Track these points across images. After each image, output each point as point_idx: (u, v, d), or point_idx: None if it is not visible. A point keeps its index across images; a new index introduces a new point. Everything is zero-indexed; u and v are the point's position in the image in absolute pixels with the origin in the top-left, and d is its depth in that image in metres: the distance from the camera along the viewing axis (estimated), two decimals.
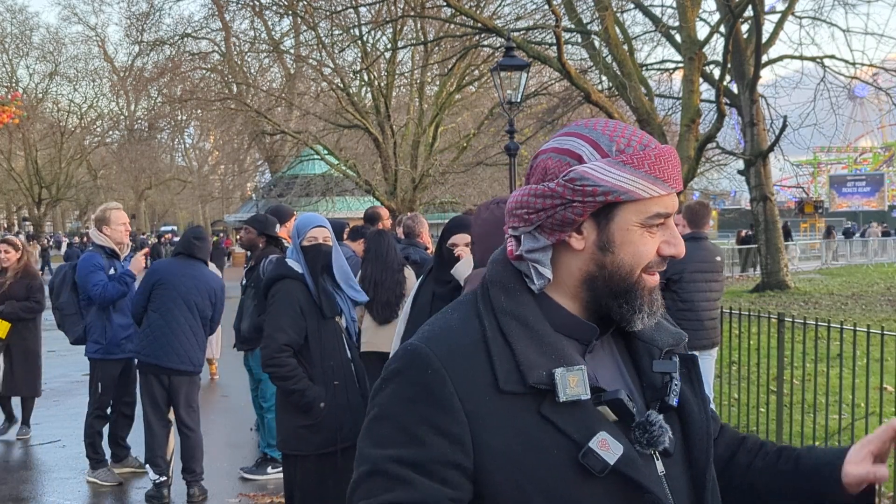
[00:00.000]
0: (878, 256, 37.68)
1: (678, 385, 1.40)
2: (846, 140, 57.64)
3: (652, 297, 1.38)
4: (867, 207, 72.22)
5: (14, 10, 64.89)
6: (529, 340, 1.33)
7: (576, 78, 17.59)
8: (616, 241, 1.35)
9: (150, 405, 5.99)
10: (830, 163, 78.42)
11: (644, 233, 1.36)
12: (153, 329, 5.90)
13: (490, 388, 1.30)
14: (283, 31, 32.95)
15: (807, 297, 19.89)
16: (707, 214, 6.62)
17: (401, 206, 24.89)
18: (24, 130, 47.89)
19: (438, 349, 1.33)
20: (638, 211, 1.34)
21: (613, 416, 1.33)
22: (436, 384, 1.30)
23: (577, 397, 1.29)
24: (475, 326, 1.35)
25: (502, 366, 1.31)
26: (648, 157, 1.33)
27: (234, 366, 9.47)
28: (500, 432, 1.29)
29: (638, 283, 1.37)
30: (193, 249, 6.08)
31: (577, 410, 1.30)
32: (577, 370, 1.30)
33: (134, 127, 56.31)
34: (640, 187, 1.33)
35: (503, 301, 1.37)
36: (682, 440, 1.40)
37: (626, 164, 1.33)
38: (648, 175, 1.33)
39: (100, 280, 6.29)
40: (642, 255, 1.36)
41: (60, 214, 71.07)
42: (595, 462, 1.27)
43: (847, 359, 5.85)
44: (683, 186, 7.26)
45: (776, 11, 23.17)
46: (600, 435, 1.28)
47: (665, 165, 1.34)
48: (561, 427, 1.29)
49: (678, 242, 1.39)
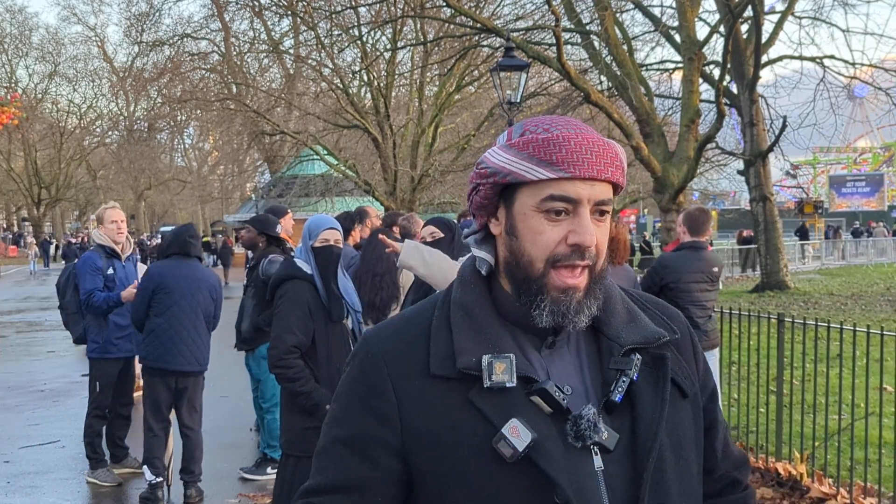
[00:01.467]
0: (880, 257, 37.70)
1: (625, 382, 1.37)
2: (845, 140, 57.68)
3: (561, 297, 1.35)
4: (867, 208, 72.24)
5: (13, 11, 64.93)
6: (469, 329, 1.37)
7: (575, 78, 17.59)
8: (517, 226, 1.37)
9: (152, 408, 5.97)
10: (830, 163, 78.46)
11: (541, 218, 1.35)
12: (158, 333, 5.88)
13: (423, 373, 1.36)
14: (282, 31, 33.00)
15: (806, 298, 19.90)
16: (707, 221, 6.50)
17: (400, 207, 24.88)
18: (23, 131, 47.92)
19: (382, 335, 1.43)
20: (532, 194, 1.35)
21: (548, 407, 1.33)
22: (372, 367, 1.39)
23: (503, 384, 1.32)
24: (426, 316, 1.42)
25: (438, 352, 1.36)
26: (536, 140, 1.35)
27: (233, 366, 9.45)
28: (427, 415, 1.34)
29: (542, 278, 1.35)
30: (189, 248, 6.06)
31: (503, 398, 1.32)
32: (505, 358, 1.33)
33: (133, 127, 56.38)
34: (522, 168, 1.34)
35: (458, 294, 1.43)
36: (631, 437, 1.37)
37: (512, 146, 1.37)
38: (532, 157, 1.34)
39: (91, 287, 6.30)
40: (539, 243, 1.35)
41: (60, 215, 71.04)
42: (505, 447, 1.29)
43: (847, 359, 5.85)
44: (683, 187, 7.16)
45: (776, 11, 23.18)
46: (512, 421, 1.30)
47: (556, 150, 1.33)
48: (483, 411, 1.32)
49: (583, 230, 1.34)
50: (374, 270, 5.75)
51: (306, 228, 4.55)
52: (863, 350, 5.59)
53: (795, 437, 6.26)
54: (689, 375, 1.47)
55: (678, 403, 1.43)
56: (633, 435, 1.37)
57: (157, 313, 5.90)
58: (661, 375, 1.42)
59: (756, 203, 22.06)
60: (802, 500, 5.50)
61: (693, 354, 1.51)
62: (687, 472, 1.41)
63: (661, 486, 1.36)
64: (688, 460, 1.42)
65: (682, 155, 18.08)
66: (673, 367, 1.44)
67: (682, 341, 1.49)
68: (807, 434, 6.23)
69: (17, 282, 33.97)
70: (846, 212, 70.48)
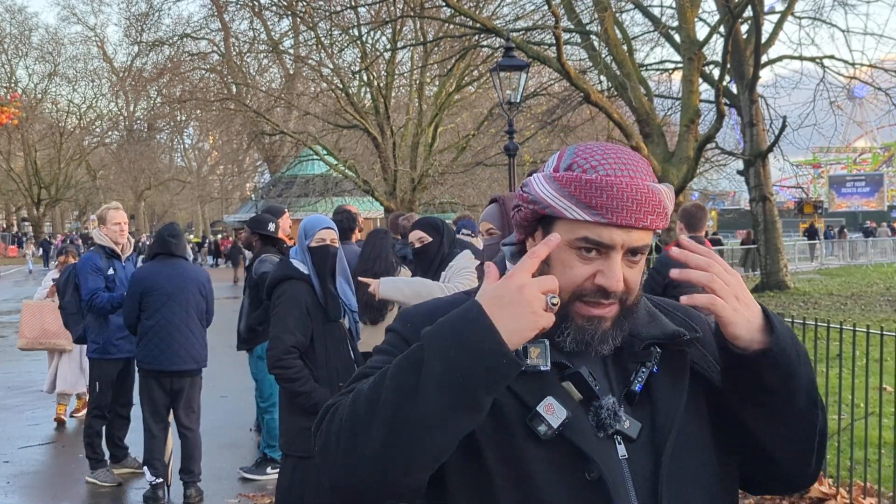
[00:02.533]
0: (880, 257, 37.71)
1: (645, 373, 1.42)
2: (845, 140, 57.67)
3: (586, 325, 1.39)
4: (866, 208, 72.28)
5: (13, 11, 64.81)
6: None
7: (575, 78, 17.60)
8: (550, 255, 1.38)
9: (150, 409, 5.97)
10: (830, 163, 78.49)
11: (573, 254, 1.38)
12: (151, 335, 5.88)
13: None
14: (282, 31, 32.99)
15: (806, 298, 19.90)
16: (704, 217, 6.55)
17: (400, 207, 24.89)
18: (23, 131, 47.93)
19: (421, 310, 1.51)
20: (568, 230, 1.38)
21: (578, 394, 1.38)
22: (411, 333, 1.43)
23: (537, 367, 1.36)
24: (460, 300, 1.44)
25: None
26: (578, 180, 1.36)
27: (233, 366, 9.45)
28: None
29: (567, 306, 1.38)
30: (171, 247, 6.04)
31: (536, 381, 1.37)
32: (540, 343, 1.36)
33: (133, 127, 56.40)
34: (562, 206, 1.37)
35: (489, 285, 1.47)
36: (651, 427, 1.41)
37: (556, 180, 1.39)
38: (572, 196, 1.36)
39: (94, 287, 6.30)
40: (568, 277, 1.38)
41: (59, 215, 71.04)
42: (540, 424, 1.34)
43: (847, 359, 5.84)
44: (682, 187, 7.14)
45: (775, 12, 23.18)
46: (547, 399, 1.35)
47: (597, 194, 1.35)
48: (517, 392, 1.36)
49: (610, 275, 1.37)
50: (373, 270, 5.73)
51: (302, 228, 4.53)
52: (862, 350, 5.59)
53: None
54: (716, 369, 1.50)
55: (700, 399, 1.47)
56: (653, 425, 1.41)
57: (148, 316, 5.88)
58: (681, 369, 1.46)
59: (756, 203, 22.06)
60: (802, 499, 5.50)
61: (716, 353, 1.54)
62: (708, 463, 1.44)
63: (682, 475, 1.40)
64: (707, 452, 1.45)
65: (681, 155, 18.09)
66: (699, 362, 1.48)
67: (707, 339, 1.52)
68: None
69: (17, 282, 33.96)
70: (846, 212, 70.51)
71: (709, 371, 1.49)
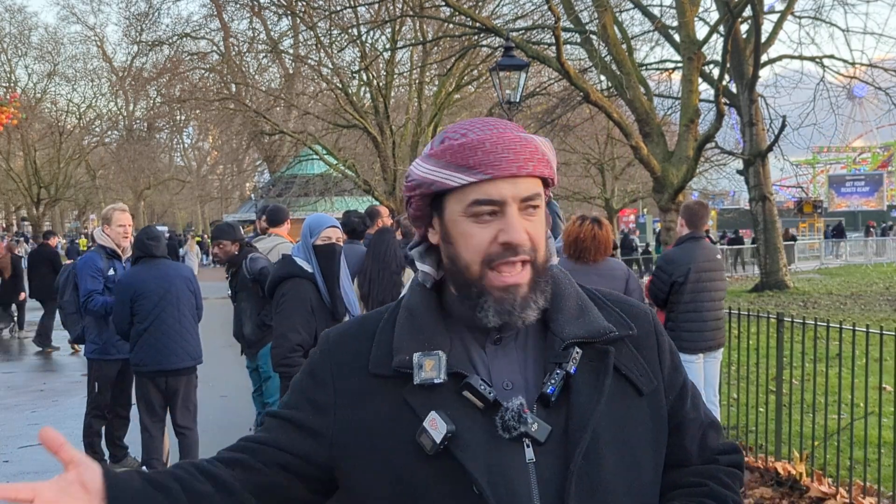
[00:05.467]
0: (879, 256, 37.73)
1: (559, 374, 1.37)
2: (844, 140, 57.66)
3: (505, 295, 1.36)
4: (866, 207, 72.26)
5: (13, 10, 64.81)
6: (410, 328, 1.42)
7: (575, 78, 17.59)
8: (450, 233, 1.40)
9: (146, 409, 5.97)
10: (829, 163, 78.47)
11: (470, 223, 1.38)
12: (145, 338, 5.87)
13: (363, 371, 1.42)
14: (281, 31, 32.99)
15: (806, 297, 19.91)
16: (705, 214, 6.60)
17: (400, 206, 24.87)
18: (22, 130, 47.84)
19: (334, 333, 1.52)
20: (458, 200, 1.38)
21: (479, 402, 1.35)
22: (319, 363, 1.48)
23: (431, 381, 1.35)
24: (379, 317, 1.49)
25: (379, 351, 1.42)
26: (451, 148, 1.38)
27: (233, 366, 9.46)
28: (363, 410, 1.40)
29: (481, 280, 1.37)
30: (151, 249, 6.04)
31: (433, 394, 1.35)
32: (434, 355, 1.36)
33: (133, 127, 56.33)
34: (442, 176, 1.38)
35: (409, 297, 1.49)
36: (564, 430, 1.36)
37: (430, 156, 1.41)
38: (450, 164, 1.37)
39: (91, 288, 6.29)
40: (471, 246, 1.38)
41: (59, 214, 71.02)
42: (426, 440, 1.32)
43: (846, 358, 5.85)
44: (682, 186, 7.16)
45: (775, 11, 23.18)
46: (431, 414, 1.33)
47: (471, 154, 1.36)
48: (413, 407, 1.35)
49: (510, 229, 1.35)
50: (391, 268, 5.74)
51: (306, 226, 4.53)
52: (862, 349, 5.59)
53: (795, 436, 6.26)
54: (648, 373, 1.46)
55: (630, 401, 1.42)
56: (566, 428, 1.36)
57: (140, 320, 5.88)
58: (603, 370, 1.40)
59: (755, 203, 22.06)
60: (802, 499, 5.50)
61: (657, 353, 1.50)
62: (634, 470, 1.39)
63: (594, 480, 1.34)
64: (637, 458, 1.40)
65: (681, 154, 18.07)
66: (626, 363, 1.43)
67: (643, 338, 1.48)
68: (806, 434, 6.23)
69: None
70: (845, 211, 70.49)
71: (636, 374, 1.43)
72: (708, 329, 6.23)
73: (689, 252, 6.24)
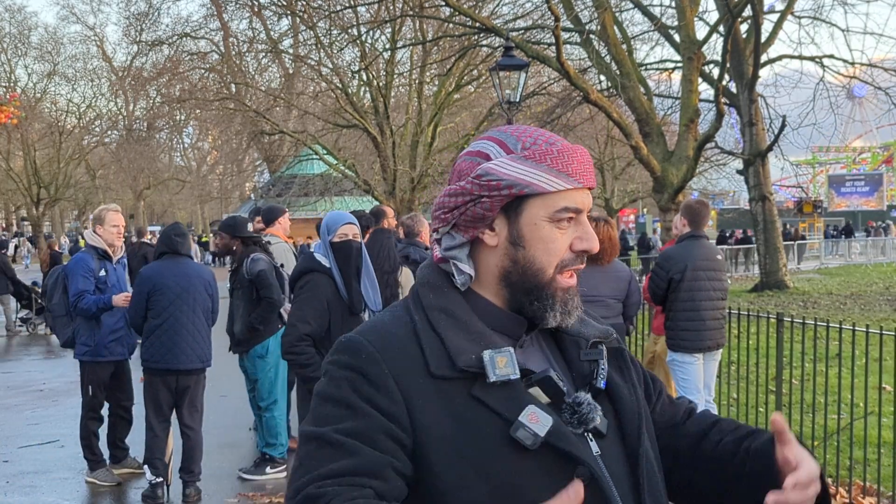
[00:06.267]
0: (879, 256, 37.74)
1: (605, 369, 1.44)
2: (844, 140, 57.64)
3: (567, 296, 1.42)
4: (866, 207, 72.27)
5: (12, 10, 64.76)
6: (457, 329, 1.39)
7: (574, 78, 17.58)
8: (525, 236, 1.40)
9: (153, 408, 5.97)
10: (829, 162, 78.47)
11: (553, 228, 1.40)
12: (158, 334, 5.87)
13: (422, 373, 1.35)
14: (281, 30, 32.95)
15: (805, 297, 19.91)
16: (707, 213, 6.61)
17: (400, 206, 24.87)
18: (22, 130, 47.80)
19: (371, 337, 1.39)
20: (545, 205, 1.39)
21: (545, 397, 1.37)
22: (370, 367, 1.35)
23: (507, 377, 1.34)
24: (406, 321, 1.42)
25: (432, 353, 1.36)
26: (551, 153, 1.39)
27: (232, 366, 9.45)
28: (434, 414, 1.33)
29: (551, 283, 1.41)
30: (177, 246, 6.05)
31: (507, 390, 1.35)
32: (505, 352, 1.36)
33: (132, 127, 56.32)
34: (543, 180, 1.38)
35: (431, 298, 1.43)
36: (615, 422, 1.43)
37: (528, 158, 1.39)
38: (551, 169, 1.38)
39: (82, 288, 6.27)
40: (552, 251, 1.40)
41: (59, 214, 70.97)
42: (526, 435, 1.31)
43: (846, 358, 5.86)
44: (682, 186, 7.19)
45: (775, 11, 23.18)
46: (529, 409, 1.33)
47: (569, 161, 1.39)
48: (492, 406, 1.33)
49: (590, 237, 1.42)
50: (383, 268, 5.78)
51: (324, 224, 4.70)
52: (862, 349, 5.59)
53: (794, 436, 6.25)
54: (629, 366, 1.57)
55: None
56: (617, 418, 1.43)
57: (154, 315, 5.88)
58: (624, 363, 1.52)
59: (755, 202, 22.06)
60: None
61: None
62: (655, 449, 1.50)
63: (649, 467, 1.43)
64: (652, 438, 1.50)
65: (681, 154, 18.07)
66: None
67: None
68: (806, 433, 6.23)
69: None
70: (845, 211, 70.50)
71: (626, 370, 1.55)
72: (707, 329, 6.21)
73: (687, 250, 6.24)
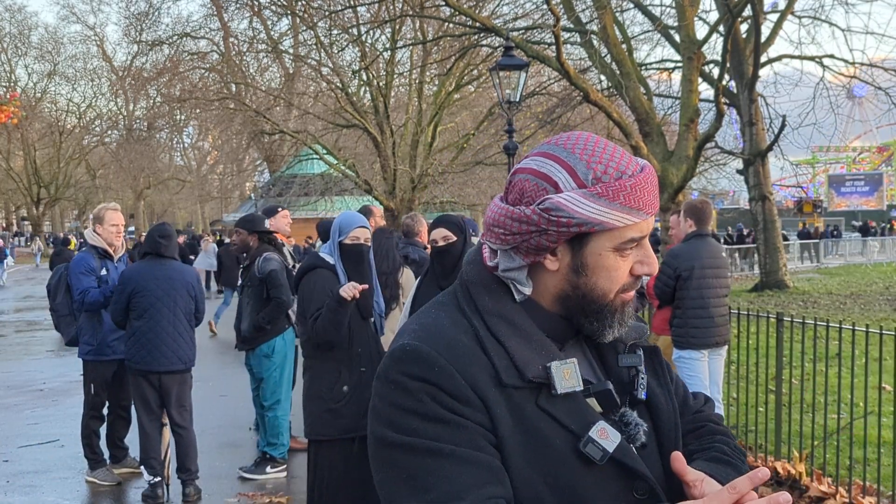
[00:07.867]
0: (879, 256, 37.74)
1: (644, 378, 1.45)
2: (844, 140, 57.63)
3: (623, 312, 1.42)
4: (866, 207, 72.26)
5: (13, 10, 64.74)
6: (519, 338, 1.37)
7: (575, 78, 17.58)
8: (589, 265, 1.38)
9: (142, 407, 5.98)
10: (829, 162, 78.46)
11: (617, 257, 1.38)
12: (138, 335, 5.88)
13: (493, 383, 1.33)
14: (281, 30, 33.00)
15: (805, 297, 19.91)
16: (710, 212, 6.68)
17: (400, 206, 24.89)
18: (22, 130, 47.89)
19: (438, 347, 1.33)
20: (612, 238, 1.37)
21: (599, 408, 1.38)
22: (447, 381, 1.30)
23: (572, 389, 1.34)
24: (465, 325, 1.38)
25: (500, 361, 1.34)
26: (624, 188, 1.34)
27: (232, 365, 9.46)
28: (506, 423, 1.32)
29: (612, 304, 1.41)
30: (160, 248, 6.02)
31: (571, 402, 1.35)
32: (570, 363, 1.36)
33: (133, 126, 56.36)
34: (615, 219, 1.34)
35: (488, 302, 1.40)
36: (653, 431, 1.44)
37: (601, 196, 1.33)
38: (623, 206, 1.34)
39: (85, 285, 6.28)
40: (615, 279, 1.39)
41: (59, 214, 71.04)
42: (595, 451, 1.31)
43: (846, 358, 5.86)
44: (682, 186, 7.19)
45: (775, 11, 23.18)
46: (599, 424, 1.33)
47: (641, 194, 1.35)
48: (559, 418, 1.33)
49: (651, 262, 1.41)
50: (381, 269, 5.77)
51: (336, 224, 4.72)
52: (862, 349, 5.59)
53: (794, 436, 6.27)
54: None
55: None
56: (654, 428, 1.44)
57: (136, 316, 5.89)
58: (658, 364, 1.50)
59: (755, 202, 22.06)
60: (801, 499, 5.50)
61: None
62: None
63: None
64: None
65: (681, 154, 18.07)
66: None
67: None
68: (806, 433, 6.23)
69: (17, 281, 33.97)
70: (845, 211, 70.49)
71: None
72: (715, 325, 6.31)
73: (694, 248, 6.31)
